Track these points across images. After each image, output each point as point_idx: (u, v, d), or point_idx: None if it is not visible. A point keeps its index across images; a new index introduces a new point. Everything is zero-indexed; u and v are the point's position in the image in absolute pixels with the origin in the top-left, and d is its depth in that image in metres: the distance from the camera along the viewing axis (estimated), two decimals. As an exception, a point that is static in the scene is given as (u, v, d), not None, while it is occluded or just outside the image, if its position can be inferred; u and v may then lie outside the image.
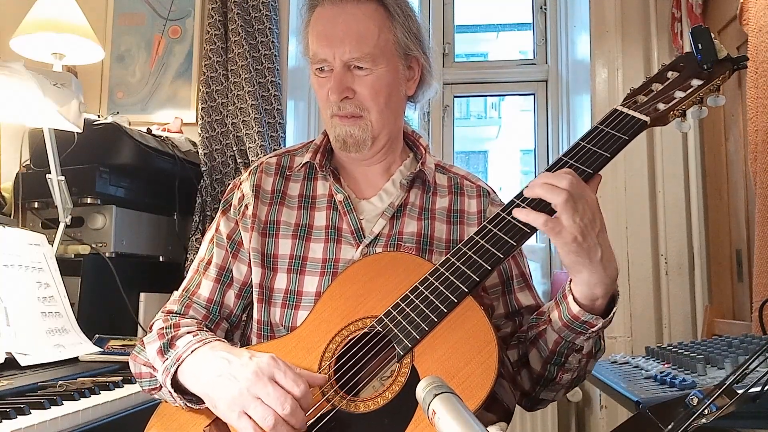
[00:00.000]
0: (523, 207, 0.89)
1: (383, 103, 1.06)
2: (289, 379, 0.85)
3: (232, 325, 1.12)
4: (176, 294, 1.13)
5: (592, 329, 0.91)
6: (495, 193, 1.18)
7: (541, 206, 0.87)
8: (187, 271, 1.16)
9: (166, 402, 1.01)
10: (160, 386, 0.99)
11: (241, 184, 1.15)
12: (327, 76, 1.06)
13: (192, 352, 0.95)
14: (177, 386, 0.95)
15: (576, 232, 0.84)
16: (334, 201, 1.11)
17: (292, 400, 0.83)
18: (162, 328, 1.02)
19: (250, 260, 1.09)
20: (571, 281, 0.92)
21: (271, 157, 1.18)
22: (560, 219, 0.84)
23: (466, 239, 0.94)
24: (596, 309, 0.91)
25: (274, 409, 0.83)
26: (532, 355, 1.00)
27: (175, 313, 1.09)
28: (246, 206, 1.12)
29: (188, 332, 1.00)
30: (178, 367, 0.95)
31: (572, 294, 0.91)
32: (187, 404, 0.95)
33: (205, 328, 1.05)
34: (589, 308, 0.90)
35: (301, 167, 1.15)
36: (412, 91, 1.14)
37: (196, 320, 1.08)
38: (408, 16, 1.09)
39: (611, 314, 0.91)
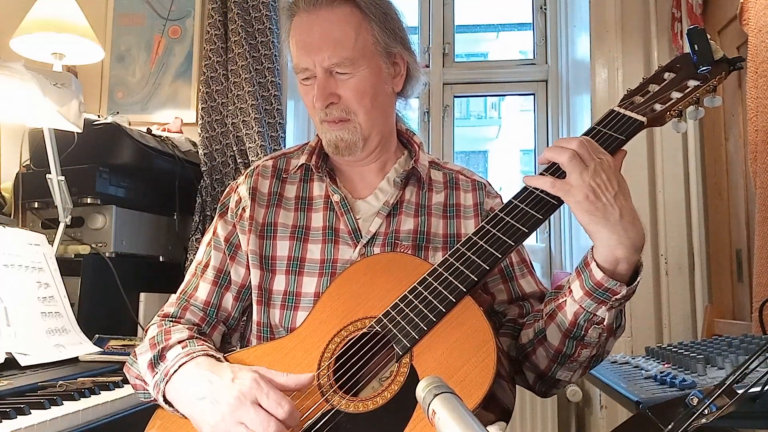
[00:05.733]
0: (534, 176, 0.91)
1: (369, 104, 1.06)
2: (272, 401, 0.83)
3: (230, 328, 1.12)
4: (173, 297, 1.12)
5: (615, 297, 0.88)
6: (490, 185, 1.19)
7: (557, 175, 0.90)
8: (186, 272, 1.16)
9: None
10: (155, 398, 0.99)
11: (237, 187, 1.15)
12: (311, 84, 1.06)
13: (180, 367, 0.94)
14: (168, 401, 0.95)
15: (586, 190, 0.85)
16: (331, 202, 1.11)
17: (276, 422, 0.82)
18: (153, 336, 1.02)
19: (248, 262, 1.09)
20: (592, 248, 0.90)
21: (267, 160, 1.18)
22: (569, 179, 0.86)
23: (464, 239, 0.94)
24: (618, 275, 0.88)
25: None
26: (550, 329, 0.96)
27: (171, 316, 1.09)
28: (243, 209, 1.12)
29: (178, 342, 0.99)
30: (167, 383, 0.94)
31: (594, 260, 0.89)
32: (184, 416, 0.95)
33: (197, 335, 1.04)
34: (611, 273, 0.88)
35: (297, 169, 1.15)
36: (400, 87, 1.13)
37: (192, 323, 1.07)
38: (384, 14, 1.08)
39: (635, 284, 0.89)
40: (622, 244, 0.87)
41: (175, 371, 0.94)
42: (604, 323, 0.91)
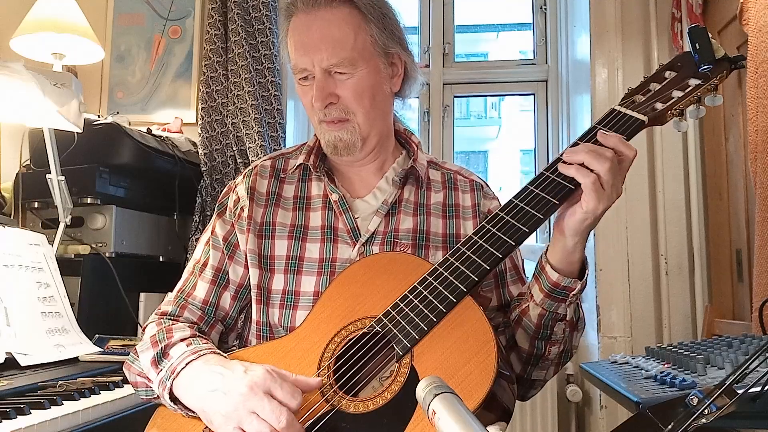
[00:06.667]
0: (569, 164, 0.91)
1: (368, 104, 1.06)
2: (285, 392, 0.84)
3: (228, 328, 1.12)
4: (170, 295, 1.12)
5: (572, 293, 0.95)
6: (488, 186, 1.19)
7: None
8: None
9: (166, 404, 1.00)
10: (158, 395, 0.99)
11: (236, 187, 1.15)
12: (310, 84, 1.06)
13: (187, 365, 0.94)
14: (174, 398, 0.95)
15: (609, 203, 0.89)
16: (329, 201, 1.11)
17: (288, 412, 0.83)
18: (154, 334, 1.02)
19: (246, 262, 1.10)
20: (546, 252, 0.96)
21: (265, 160, 1.18)
22: (604, 186, 0.88)
23: (464, 239, 0.95)
24: (572, 274, 0.95)
25: (270, 423, 0.82)
26: (518, 334, 1.01)
27: (170, 314, 1.09)
28: (241, 209, 1.12)
29: (181, 339, 1.00)
30: (173, 380, 0.94)
31: (549, 263, 0.95)
32: (188, 414, 0.95)
33: (198, 333, 1.05)
34: (567, 273, 0.94)
35: (296, 169, 1.15)
36: (398, 87, 1.13)
37: (190, 322, 1.07)
38: (383, 15, 1.08)
39: (585, 277, 0.96)
40: (580, 249, 0.94)
41: (182, 368, 0.94)
42: (566, 319, 0.98)
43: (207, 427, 0.91)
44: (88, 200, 1.96)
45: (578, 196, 0.90)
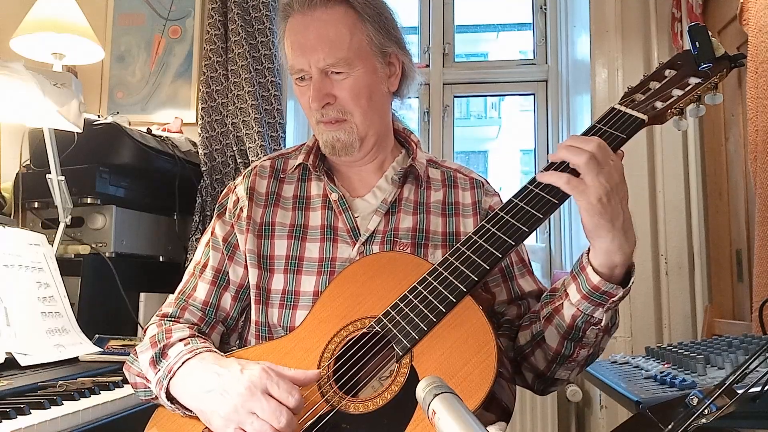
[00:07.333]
0: (547, 171, 0.89)
1: (365, 104, 1.06)
2: (283, 391, 0.84)
3: (229, 328, 1.12)
4: (172, 297, 1.13)
5: (612, 299, 0.90)
6: (488, 183, 1.19)
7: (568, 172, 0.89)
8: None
9: (166, 404, 1.00)
10: (156, 396, 0.99)
11: (235, 187, 1.15)
12: (307, 85, 1.06)
13: (183, 363, 0.95)
14: (171, 398, 0.95)
15: (600, 192, 0.85)
16: (329, 200, 1.11)
17: (287, 412, 0.83)
18: (154, 335, 1.02)
19: (246, 262, 1.10)
20: (588, 252, 0.92)
21: (264, 160, 1.19)
22: (584, 179, 0.85)
23: (464, 238, 0.94)
24: (615, 278, 0.91)
25: (270, 423, 0.82)
26: (548, 332, 0.98)
27: (170, 316, 1.09)
28: (241, 209, 1.12)
29: (180, 339, 1.00)
30: (170, 379, 0.95)
31: (591, 265, 0.91)
32: (186, 413, 0.95)
33: (198, 333, 1.05)
34: (608, 277, 0.90)
35: (295, 169, 1.16)
36: (395, 86, 1.13)
37: (191, 323, 1.08)
38: (379, 14, 1.08)
39: (630, 284, 0.91)
40: (621, 250, 0.89)
41: (179, 367, 0.94)
42: (601, 324, 0.94)
43: (206, 427, 0.91)
44: (88, 200, 1.96)
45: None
